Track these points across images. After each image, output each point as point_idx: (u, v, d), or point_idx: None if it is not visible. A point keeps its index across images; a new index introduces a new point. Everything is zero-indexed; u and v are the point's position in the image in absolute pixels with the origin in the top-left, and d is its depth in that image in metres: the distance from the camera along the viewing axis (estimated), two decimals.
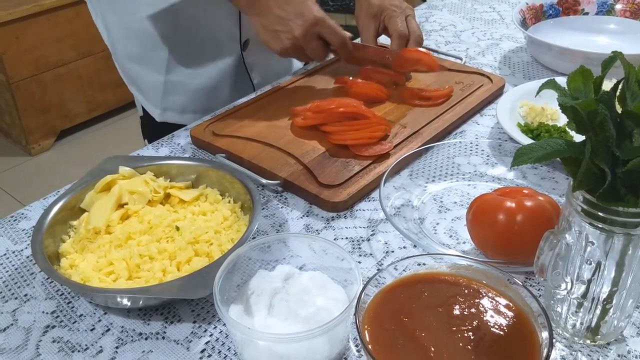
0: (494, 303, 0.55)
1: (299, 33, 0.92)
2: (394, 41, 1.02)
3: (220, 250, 0.67)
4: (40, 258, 0.64)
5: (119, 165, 0.77)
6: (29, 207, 0.81)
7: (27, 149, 2.72)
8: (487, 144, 0.86)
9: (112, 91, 2.87)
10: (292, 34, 0.93)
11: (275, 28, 0.93)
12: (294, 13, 0.92)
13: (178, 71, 1.09)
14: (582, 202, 0.51)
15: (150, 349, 0.60)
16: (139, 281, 0.64)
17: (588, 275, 0.53)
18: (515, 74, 1.12)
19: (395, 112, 0.95)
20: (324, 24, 0.94)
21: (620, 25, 1.21)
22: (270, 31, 0.94)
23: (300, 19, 0.92)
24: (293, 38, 0.93)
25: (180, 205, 0.76)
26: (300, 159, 0.84)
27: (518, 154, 0.52)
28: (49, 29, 2.56)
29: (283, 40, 0.94)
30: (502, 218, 0.64)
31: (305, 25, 0.92)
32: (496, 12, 1.41)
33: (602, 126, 0.48)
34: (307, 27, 0.92)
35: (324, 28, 0.94)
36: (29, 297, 0.67)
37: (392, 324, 0.53)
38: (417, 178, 0.82)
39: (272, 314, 0.57)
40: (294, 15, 0.92)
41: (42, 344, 0.61)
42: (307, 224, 0.76)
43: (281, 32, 0.93)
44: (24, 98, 2.59)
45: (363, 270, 0.68)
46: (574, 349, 0.58)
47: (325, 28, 0.94)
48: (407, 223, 0.74)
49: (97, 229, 0.71)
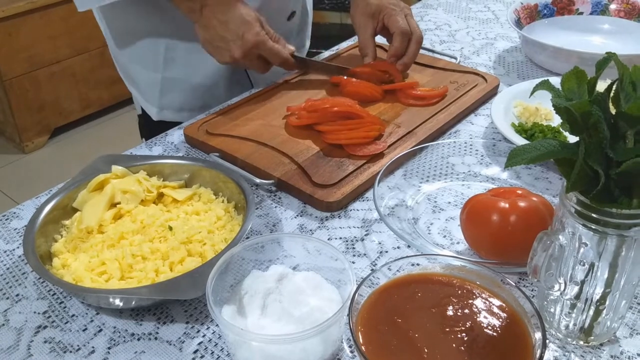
0: (487, 304, 0.55)
1: (238, 54, 0.94)
2: (395, 38, 1.02)
3: (214, 250, 0.67)
4: (32, 258, 0.64)
5: (112, 165, 0.77)
6: (21, 206, 0.80)
7: (21, 147, 2.71)
8: (481, 144, 0.86)
9: (106, 89, 2.86)
10: (231, 54, 0.94)
11: (217, 44, 0.95)
12: (235, 34, 0.93)
13: (175, 69, 1.09)
14: (576, 203, 0.51)
15: (142, 350, 0.60)
16: (132, 281, 0.64)
17: (581, 276, 0.53)
18: (509, 74, 1.12)
19: (389, 112, 0.95)
20: (264, 47, 0.95)
21: (614, 25, 1.22)
22: (212, 46, 0.96)
23: (240, 41, 0.93)
24: (233, 57, 0.94)
25: (173, 204, 0.76)
26: (295, 159, 0.83)
27: (512, 155, 0.52)
28: (42, 26, 2.55)
29: (224, 56, 0.96)
30: (495, 219, 0.64)
31: (244, 47, 0.93)
32: (491, 11, 1.41)
33: (595, 127, 0.48)
34: (246, 49, 0.93)
35: (264, 51, 0.95)
36: (20, 297, 0.66)
37: (386, 325, 0.53)
38: (411, 178, 0.82)
39: (265, 315, 0.57)
40: (234, 36, 0.93)
41: (34, 345, 0.61)
42: (301, 223, 0.76)
43: (222, 49, 0.95)
44: (18, 95, 2.57)
45: (357, 271, 0.68)
46: (567, 349, 0.58)
47: (265, 51, 0.95)
48: (401, 223, 0.74)
49: (89, 229, 0.70)
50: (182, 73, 1.09)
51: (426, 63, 1.09)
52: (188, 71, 1.09)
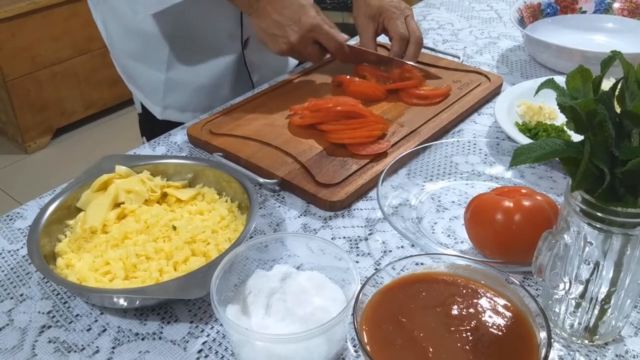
0: (492, 303, 0.55)
1: (295, 39, 0.93)
2: (394, 43, 1.02)
3: (218, 250, 0.67)
4: (36, 258, 0.64)
5: (116, 164, 0.77)
6: (24, 206, 0.81)
7: (23, 147, 2.71)
8: (485, 143, 0.86)
9: (109, 89, 2.86)
10: (288, 39, 0.94)
11: (273, 32, 0.94)
12: (291, 19, 0.93)
13: (179, 69, 1.09)
14: (581, 202, 0.51)
15: (147, 350, 0.60)
16: (136, 281, 0.64)
17: (586, 275, 0.53)
18: (513, 73, 1.12)
19: (392, 111, 0.95)
20: (320, 30, 0.94)
21: (618, 23, 1.21)
22: (267, 34, 0.95)
23: (296, 25, 0.93)
24: (289, 43, 0.94)
25: (177, 204, 0.76)
26: (298, 158, 0.83)
27: (517, 154, 0.52)
28: (45, 26, 2.55)
29: (280, 44, 0.95)
30: (500, 218, 0.64)
31: (301, 31, 0.93)
32: (494, 10, 1.40)
33: (601, 126, 0.48)
34: (303, 33, 0.93)
35: (320, 34, 0.95)
36: (24, 297, 0.66)
37: (390, 324, 0.53)
38: (415, 177, 0.82)
39: (269, 314, 0.57)
40: (291, 21, 0.93)
41: (38, 344, 0.61)
42: (304, 223, 0.76)
43: (278, 36, 0.94)
44: (20, 96, 2.58)
45: (361, 270, 0.68)
46: (572, 349, 0.58)
47: (322, 34, 0.95)
48: (405, 222, 0.74)
49: (93, 229, 0.70)
50: (186, 74, 1.09)
51: (429, 62, 1.09)
52: (192, 72, 1.09)
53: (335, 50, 0.99)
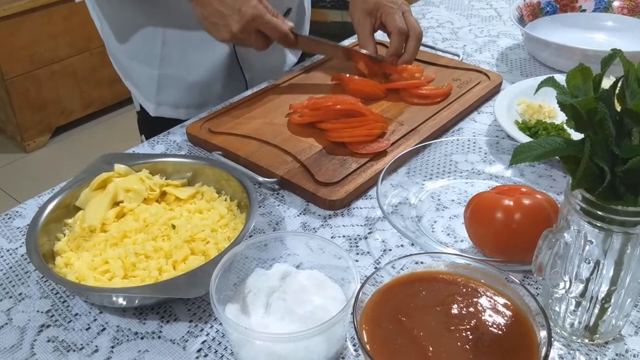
0: (492, 302, 0.55)
1: (236, 28, 0.92)
2: (393, 38, 1.01)
3: (217, 249, 0.67)
4: (35, 256, 0.64)
5: (115, 163, 0.77)
6: (23, 204, 0.80)
7: (22, 146, 2.71)
8: (485, 142, 0.86)
9: (108, 88, 2.86)
10: (230, 29, 0.92)
11: (215, 20, 0.92)
12: (232, 8, 0.91)
13: (171, 65, 1.08)
14: (581, 200, 0.51)
15: (146, 349, 0.60)
16: (135, 280, 0.64)
17: (586, 274, 0.53)
18: (512, 71, 1.12)
19: (392, 110, 0.95)
20: (261, 20, 0.93)
21: (617, 22, 1.21)
22: (210, 22, 0.93)
23: (237, 15, 0.91)
24: (231, 32, 0.93)
25: (176, 203, 0.76)
26: (297, 157, 0.83)
27: (517, 152, 0.51)
28: (43, 25, 2.55)
29: (222, 33, 0.94)
30: (500, 216, 0.64)
31: (242, 21, 0.91)
32: (493, 9, 1.40)
33: (601, 124, 0.47)
34: (243, 23, 0.91)
35: (261, 24, 0.93)
36: (23, 296, 0.66)
37: (390, 323, 0.53)
38: (415, 176, 0.82)
39: (269, 313, 0.57)
40: (231, 10, 0.91)
41: (37, 344, 0.61)
42: (304, 222, 0.76)
43: (220, 25, 0.93)
44: (19, 94, 2.57)
45: (360, 269, 0.68)
46: (572, 347, 0.58)
47: (263, 24, 0.93)
48: (404, 221, 0.74)
49: (92, 227, 0.70)
50: (179, 70, 1.09)
51: (429, 61, 1.09)
52: (184, 68, 1.09)
53: (280, 39, 0.97)
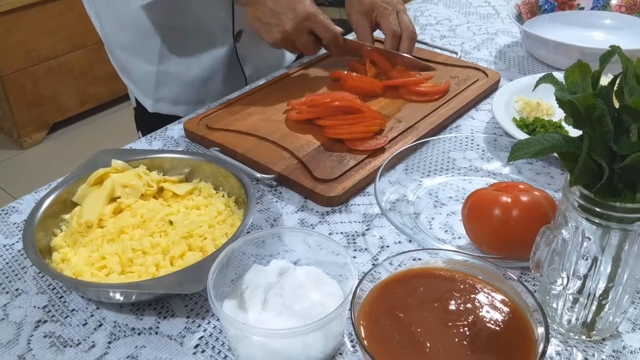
0: (489, 298, 0.55)
1: (290, 27, 0.93)
2: (387, 40, 1.02)
3: (214, 245, 0.67)
4: (32, 252, 0.63)
5: (112, 159, 0.77)
6: (20, 200, 0.80)
7: (19, 142, 2.70)
8: (483, 139, 0.86)
9: (105, 84, 2.85)
10: (283, 28, 0.93)
11: (268, 20, 0.94)
12: (286, 7, 0.92)
13: (170, 62, 1.08)
14: (579, 197, 0.51)
15: (143, 344, 0.60)
16: (132, 276, 0.64)
17: (584, 270, 0.53)
18: (510, 69, 1.12)
19: (390, 107, 0.95)
20: (315, 19, 0.94)
21: (615, 20, 1.21)
22: (262, 23, 0.95)
23: (292, 13, 0.92)
24: (284, 32, 0.93)
25: (173, 199, 0.76)
26: (295, 153, 0.83)
27: (515, 149, 0.51)
28: (40, 21, 2.54)
29: (274, 33, 0.95)
30: (497, 213, 0.64)
31: (296, 19, 0.92)
32: (491, 6, 1.40)
33: (599, 121, 0.47)
34: (298, 21, 0.93)
35: (315, 23, 0.94)
36: (20, 292, 0.66)
37: (388, 319, 0.53)
38: (413, 173, 0.82)
39: (266, 309, 0.57)
40: (286, 9, 0.92)
41: (34, 339, 0.61)
42: (301, 218, 0.75)
43: (273, 25, 0.94)
44: (16, 91, 2.56)
45: (358, 265, 0.68)
46: (570, 344, 0.58)
47: (317, 23, 0.95)
48: (402, 218, 0.74)
49: (89, 223, 0.70)
50: (177, 66, 1.09)
51: (427, 58, 1.09)
52: (183, 65, 1.09)
53: (330, 41, 0.98)
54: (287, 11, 0.92)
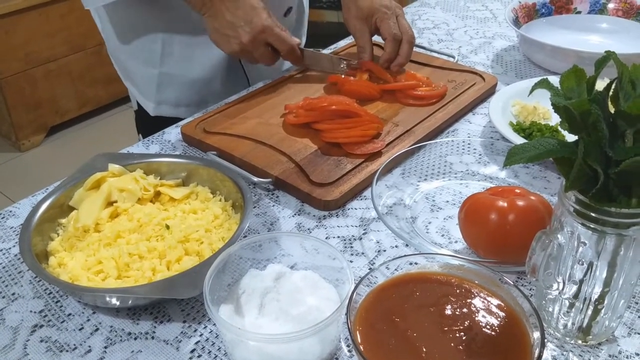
0: (485, 303, 0.55)
1: (246, 40, 0.94)
2: (387, 45, 1.03)
3: (211, 249, 0.67)
4: (28, 256, 0.63)
5: (109, 163, 0.77)
6: (17, 204, 0.80)
7: (17, 145, 2.70)
8: (479, 143, 0.86)
9: (103, 87, 2.85)
10: (239, 40, 0.94)
11: (225, 32, 0.95)
12: (243, 19, 0.93)
13: (171, 64, 1.08)
14: (575, 202, 0.51)
15: (139, 349, 0.59)
16: (128, 280, 0.64)
17: (580, 275, 0.53)
18: (507, 73, 1.12)
19: (387, 111, 0.95)
20: (271, 32, 0.95)
21: (612, 24, 1.22)
22: (220, 34, 0.96)
23: (248, 26, 0.93)
24: (241, 44, 0.95)
25: (170, 203, 0.75)
26: (292, 157, 0.83)
27: (511, 154, 0.51)
28: (39, 24, 2.54)
29: (232, 45, 0.96)
30: (494, 217, 0.64)
31: (252, 32, 0.93)
32: (489, 10, 1.40)
33: (595, 126, 0.48)
34: (254, 34, 0.93)
35: (271, 36, 0.95)
36: (16, 296, 0.66)
37: (384, 324, 0.53)
38: (409, 177, 0.82)
39: (263, 314, 0.57)
40: (243, 21, 0.93)
41: (30, 344, 0.61)
42: (298, 222, 0.75)
43: (230, 37, 0.95)
44: (14, 93, 2.56)
45: (355, 270, 0.68)
46: (566, 349, 0.58)
47: (273, 36, 0.95)
48: (399, 222, 0.74)
49: (86, 227, 0.70)
50: (179, 68, 1.09)
51: (424, 62, 1.09)
52: (185, 66, 1.09)
53: (287, 53, 0.99)
54: (244, 24, 0.93)
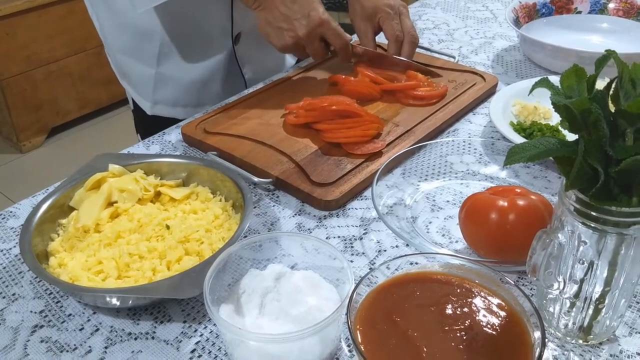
0: (486, 302, 0.55)
1: (302, 33, 0.93)
2: (390, 45, 1.03)
3: (211, 249, 0.67)
4: (29, 257, 0.63)
5: (109, 163, 0.77)
6: (17, 204, 0.80)
7: (18, 146, 2.70)
8: (480, 143, 0.86)
9: (104, 88, 2.85)
10: (295, 33, 0.93)
11: (280, 25, 0.94)
12: (300, 12, 0.93)
13: (169, 64, 1.08)
14: (575, 201, 0.51)
15: (139, 349, 0.59)
16: (129, 280, 0.64)
17: (580, 274, 0.53)
18: (508, 73, 1.12)
19: (388, 111, 0.95)
20: (329, 26, 0.95)
21: (613, 24, 1.21)
22: (273, 27, 0.95)
23: (305, 20, 0.93)
24: (296, 37, 0.94)
25: (170, 203, 0.75)
26: (293, 157, 0.83)
27: (511, 153, 0.51)
28: (40, 25, 2.54)
29: (286, 38, 0.95)
30: (494, 217, 0.64)
31: (310, 26, 0.93)
32: (489, 10, 1.40)
33: (595, 125, 0.47)
34: (311, 28, 0.93)
35: (328, 30, 0.95)
36: (17, 297, 0.66)
37: (384, 324, 0.53)
38: (410, 177, 0.82)
39: (263, 314, 0.57)
40: (300, 14, 0.93)
41: (30, 344, 0.61)
42: (299, 222, 0.75)
43: (285, 30, 0.94)
44: (15, 95, 2.57)
45: (355, 270, 0.68)
46: (566, 348, 0.58)
47: (330, 30, 0.95)
48: (399, 222, 0.74)
49: (86, 228, 0.70)
50: (176, 69, 1.09)
51: (424, 62, 1.09)
52: (182, 67, 1.09)
53: (341, 48, 0.99)
54: (301, 17, 0.92)
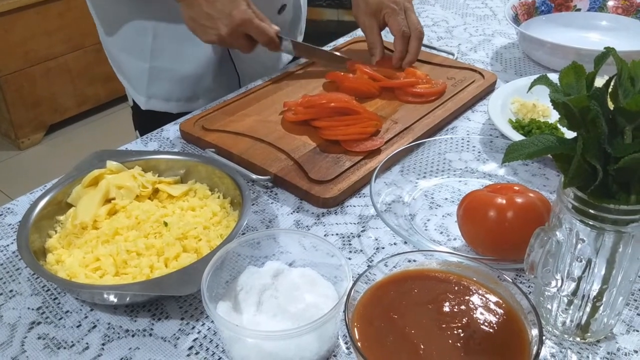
0: (484, 300, 0.54)
1: (225, 32, 0.93)
2: (397, 42, 1.03)
3: (209, 246, 0.67)
4: (26, 253, 0.63)
5: (107, 160, 0.76)
6: (15, 201, 0.80)
7: (16, 143, 2.69)
8: (479, 140, 0.86)
9: (102, 85, 2.85)
10: (218, 32, 0.93)
11: (203, 23, 0.93)
12: (222, 12, 0.91)
13: (162, 58, 1.08)
14: (573, 199, 0.51)
15: (137, 346, 0.59)
16: (126, 277, 0.63)
17: (578, 272, 0.53)
18: (507, 70, 1.12)
19: (386, 108, 0.95)
20: (251, 25, 0.93)
21: (612, 21, 1.21)
22: (198, 24, 0.94)
23: (227, 19, 0.92)
24: (219, 35, 0.93)
25: (168, 200, 0.75)
26: (291, 154, 0.83)
27: (509, 150, 0.51)
28: (38, 22, 2.53)
29: (210, 36, 0.94)
30: (492, 215, 0.64)
31: (232, 25, 0.92)
32: (488, 8, 1.40)
33: (594, 123, 0.47)
34: (233, 27, 0.92)
35: (251, 29, 0.94)
36: (14, 293, 0.66)
37: (382, 321, 0.53)
38: (408, 174, 0.82)
39: (261, 311, 0.57)
40: (221, 14, 0.91)
41: (28, 341, 0.60)
42: (297, 219, 0.75)
43: (208, 28, 0.93)
44: (13, 92, 2.56)
45: (353, 267, 0.68)
46: (564, 346, 0.58)
47: (252, 28, 0.94)
48: (397, 219, 0.74)
49: (83, 224, 0.70)
50: (170, 63, 1.09)
51: (423, 59, 1.09)
52: (175, 61, 1.09)
53: (266, 43, 0.98)
54: (223, 16, 0.91)
